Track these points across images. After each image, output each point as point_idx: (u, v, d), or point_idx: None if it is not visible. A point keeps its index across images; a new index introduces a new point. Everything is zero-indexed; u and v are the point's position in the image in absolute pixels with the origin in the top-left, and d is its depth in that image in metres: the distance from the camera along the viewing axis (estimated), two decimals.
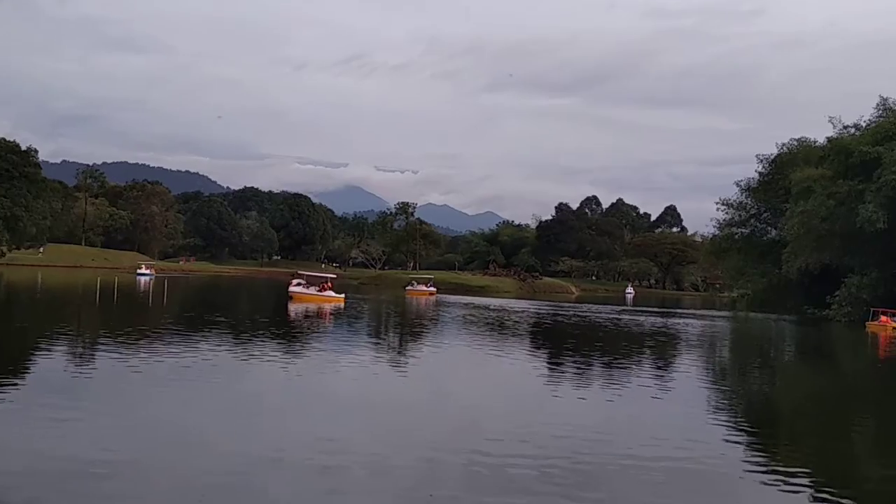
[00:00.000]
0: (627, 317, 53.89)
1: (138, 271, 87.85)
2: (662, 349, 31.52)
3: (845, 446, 14.11)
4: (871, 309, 54.43)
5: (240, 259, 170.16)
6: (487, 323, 40.59)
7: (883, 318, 51.84)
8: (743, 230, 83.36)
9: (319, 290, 52.54)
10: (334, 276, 63.43)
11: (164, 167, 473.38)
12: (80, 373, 16.96)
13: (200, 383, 16.21)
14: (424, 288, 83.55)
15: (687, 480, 10.43)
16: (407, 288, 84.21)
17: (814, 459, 12.53)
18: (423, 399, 16.60)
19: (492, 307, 57.07)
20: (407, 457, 10.79)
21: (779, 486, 10.38)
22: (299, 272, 62.54)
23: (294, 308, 43.77)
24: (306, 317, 38.12)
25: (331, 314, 40.90)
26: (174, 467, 9.69)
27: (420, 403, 15.92)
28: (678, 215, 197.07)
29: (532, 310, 57.13)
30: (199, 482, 9.07)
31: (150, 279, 78.56)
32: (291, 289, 52.89)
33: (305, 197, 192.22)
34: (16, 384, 14.84)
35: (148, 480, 9.07)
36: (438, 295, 78.29)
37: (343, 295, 52.43)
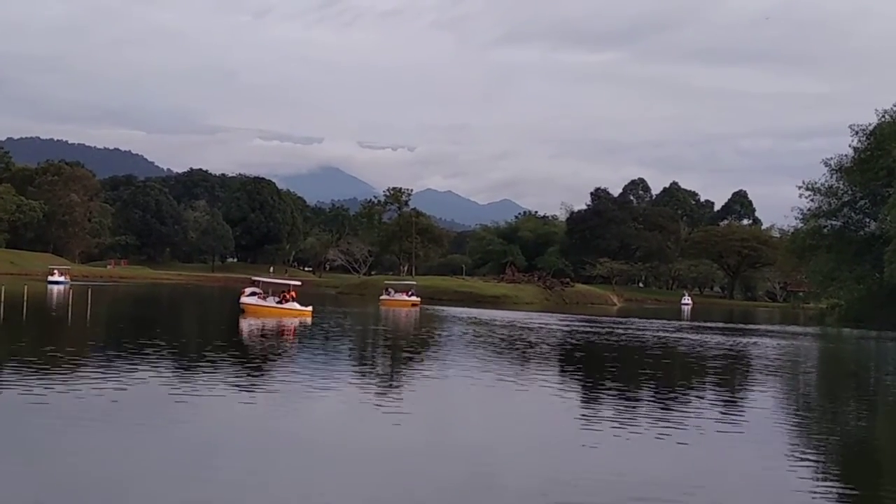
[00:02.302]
0: (685, 335, 53.81)
1: (49, 278, 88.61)
2: (730, 378, 31.49)
3: None
4: None
5: (185, 262, 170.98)
6: (500, 345, 40.52)
7: None
8: (834, 222, 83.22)
9: (280, 302, 52.68)
10: (299, 282, 63.62)
11: (88, 144, 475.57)
12: None
13: (128, 425, 16.18)
14: (405, 297, 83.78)
15: None
16: (382, 297, 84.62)
17: None
18: (419, 446, 16.53)
19: (497, 322, 56.96)
20: None
21: None
22: (254, 279, 62.58)
23: (247, 324, 43.82)
24: (263, 336, 38.12)
25: (295, 332, 40.88)
26: None
27: (416, 452, 15.86)
28: (749, 203, 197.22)
29: (560, 327, 57.07)
30: None
31: (65, 288, 78.75)
32: (244, 300, 53.01)
33: (269, 181, 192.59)
34: None
35: None
36: (430, 307, 78.28)
37: (310, 308, 52.51)
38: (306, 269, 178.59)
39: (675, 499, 12.56)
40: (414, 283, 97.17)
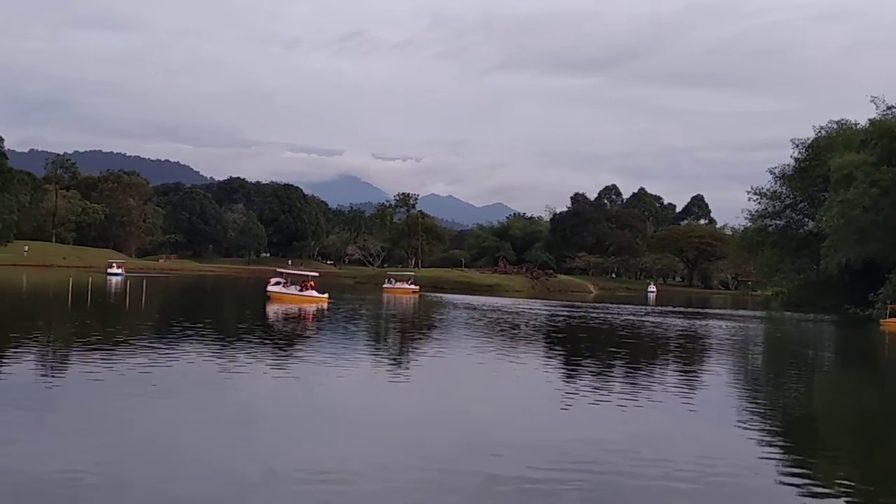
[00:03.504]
0: (650, 318, 53.78)
1: (108, 270, 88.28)
2: (689, 355, 31.49)
3: (889, 462, 14.04)
4: (888, 306, 53.86)
5: (225, 256, 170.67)
6: (491, 327, 40.50)
7: None
8: (777, 222, 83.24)
9: (301, 290, 52.62)
10: (317, 273, 63.49)
11: (142, 156, 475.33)
12: (46, 384, 16.98)
13: (177, 394, 16.24)
14: (406, 286, 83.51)
15: (718, 498, 10.37)
16: (384, 286, 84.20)
17: (854, 475, 12.47)
18: (425, 411, 16.57)
19: (489, 307, 56.96)
20: (411, 476, 10.82)
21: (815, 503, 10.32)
22: (279, 270, 62.62)
23: (272, 309, 43.82)
24: (286, 319, 38.15)
25: (313, 316, 40.90)
26: (153, 488, 9.67)
27: (423, 416, 15.90)
28: (706, 206, 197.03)
29: (544, 311, 57.04)
30: (184, 495, 9.03)
31: (122, 279, 78.74)
32: (270, 288, 53.03)
33: (297, 188, 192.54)
34: None
35: (124, 496, 9.02)
36: (434, 294, 78.24)
37: (326, 295, 52.44)
38: (328, 262, 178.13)
39: (632, 449, 12.58)
40: (413, 273, 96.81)
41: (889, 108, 72.35)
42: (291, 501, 9.47)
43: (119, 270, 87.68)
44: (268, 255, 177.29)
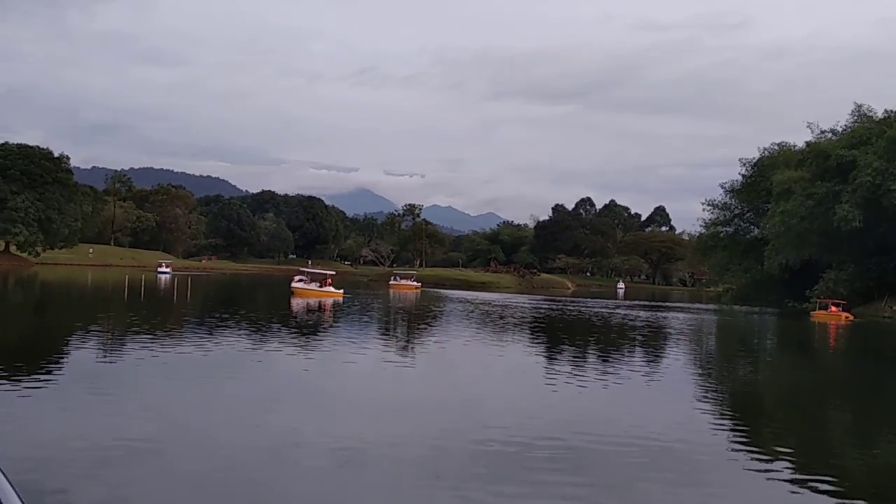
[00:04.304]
0: (619, 310, 53.74)
1: (158, 269, 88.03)
2: (652, 341, 31.42)
3: (821, 430, 14.07)
4: (818, 300, 55.56)
5: (258, 258, 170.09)
6: (483, 317, 40.45)
7: (833, 307, 52.99)
8: (727, 229, 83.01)
9: (320, 286, 52.62)
10: (333, 272, 63.37)
11: (188, 172, 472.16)
12: (107, 363, 17.02)
13: (215, 374, 16.21)
14: (408, 282, 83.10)
15: (674, 462, 10.36)
16: (390, 282, 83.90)
17: (790, 441, 12.45)
18: (427, 389, 16.57)
19: (481, 301, 56.87)
20: (416, 443, 10.76)
21: (759, 467, 10.34)
22: (301, 269, 62.46)
23: (296, 302, 43.74)
24: (307, 311, 38.08)
25: (330, 308, 40.84)
26: (204, 450, 9.64)
27: (425, 394, 15.89)
28: (667, 215, 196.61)
29: (529, 305, 56.97)
30: (223, 463, 9.01)
31: (170, 276, 78.60)
32: (293, 285, 53.05)
33: (319, 199, 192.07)
34: (51, 373, 14.87)
35: (169, 463, 9.00)
36: (435, 290, 78.17)
37: (341, 290, 52.41)
38: (346, 263, 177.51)
39: (601, 419, 12.55)
40: (414, 272, 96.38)
41: (822, 132, 72.66)
42: (315, 463, 9.43)
43: (167, 269, 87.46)
44: (294, 256, 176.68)
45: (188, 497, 8.06)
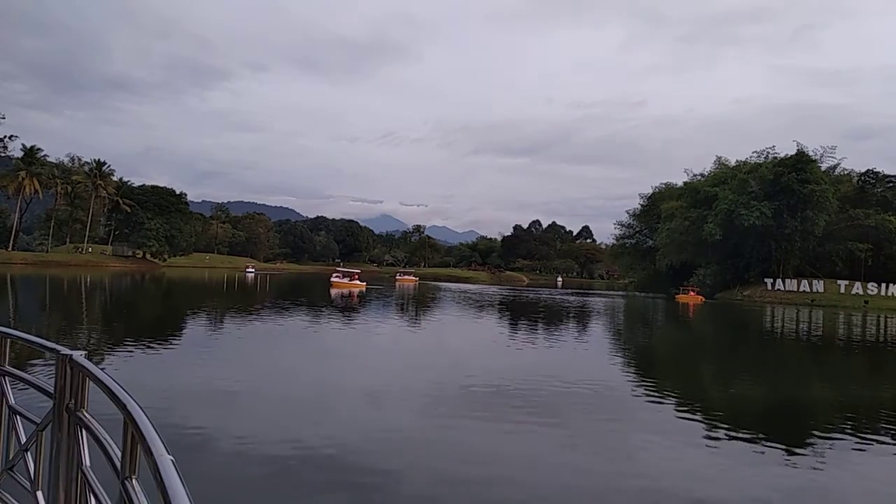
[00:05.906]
0: (558, 296, 53.71)
1: (246, 270, 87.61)
2: (581, 316, 31.39)
3: (694, 376, 14.06)
4: (679, 286, 57.72)
5: (314, 261, 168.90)
6: (464, 301, 40.32)
7: (691, 292, 54.41)
8: (631, 241, 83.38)
9: (350, 280, 52.35)
10: (359, 270, 62.83)
11: (267, 204, 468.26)
12: (214, 333, 16.81)
13: (286, 339, 16.08)
14: (409, 277, 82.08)
15: (597, 399, 10.35)
16: (396, 277, 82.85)
17: (678, 386, 12.46)
18: (426, 349, 16.47)
19: (464, 290, 56.70)
20: (418, 388, 10.69)
21: (656, 401, 10.30)
22: (336, 269, 62.15)
23: (334, 292, 43.44)
24: (342, 297, 37.80)
25: (356, 296, 40.62)
26: (281, 391, 9.52)
27: (425, 352, 15.80)
28: (591, 232, 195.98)
29: (497, 292, 56.85)
30: (296, 394, 8.93)
31: (253, 275, 78.01)
32: (332, 279, 52.84)
33: (356, 222, 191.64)
34: (177, 339, 14.69)
35: (261, 398, 8.90)
36: (434, 283, 77.87)
37: (364, 283, 52.05)
38: (374, 264, 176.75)
39: (549, 372, 12.47)
40: (413, 270, 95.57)
41: (695, 175, 73.45)
42: (352, 400, 9.37)
43: (252, 270, 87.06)
44: (339, 261, 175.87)
45: (274, 412, 8.01)
